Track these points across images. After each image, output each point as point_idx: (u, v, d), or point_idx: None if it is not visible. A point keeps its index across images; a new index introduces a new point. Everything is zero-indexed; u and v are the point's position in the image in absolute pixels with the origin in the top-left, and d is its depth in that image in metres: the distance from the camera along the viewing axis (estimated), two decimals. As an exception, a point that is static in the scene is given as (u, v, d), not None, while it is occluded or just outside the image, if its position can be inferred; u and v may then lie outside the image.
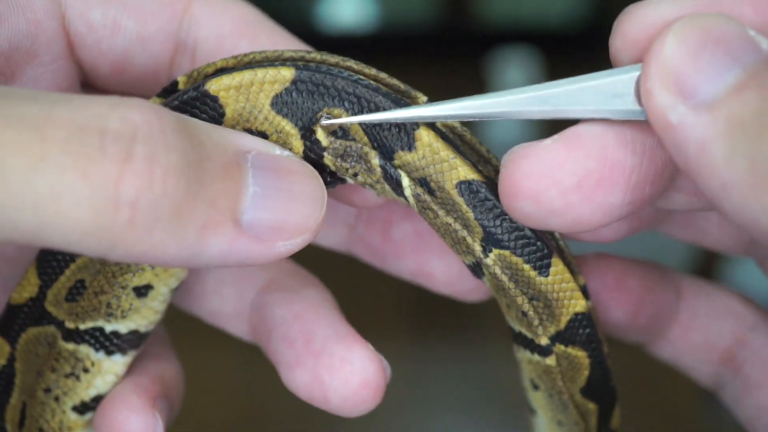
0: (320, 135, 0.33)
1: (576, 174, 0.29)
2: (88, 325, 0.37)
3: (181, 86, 0.34)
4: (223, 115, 0.33)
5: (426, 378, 1.19)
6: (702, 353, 0.41)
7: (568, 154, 0.30)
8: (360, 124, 0.33)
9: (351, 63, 0.34)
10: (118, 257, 0.27)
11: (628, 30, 0.30)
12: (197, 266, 0.30)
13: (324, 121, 0.32)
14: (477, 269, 0.34)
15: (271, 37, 0.38)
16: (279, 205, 0.30)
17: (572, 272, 0.34)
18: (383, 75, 0.34)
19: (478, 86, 1.21)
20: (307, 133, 0.33)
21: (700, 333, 0.41)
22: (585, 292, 0.35)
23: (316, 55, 0.34)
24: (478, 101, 0.31)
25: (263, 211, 0.30)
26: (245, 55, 0.34)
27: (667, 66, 0.28)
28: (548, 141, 0.30)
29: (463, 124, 0.34)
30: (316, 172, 0.32)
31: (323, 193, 0.32)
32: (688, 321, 0.41)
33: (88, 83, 0.39)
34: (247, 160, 0.30)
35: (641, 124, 0.30)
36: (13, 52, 0.36)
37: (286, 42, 0.38)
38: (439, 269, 0.40)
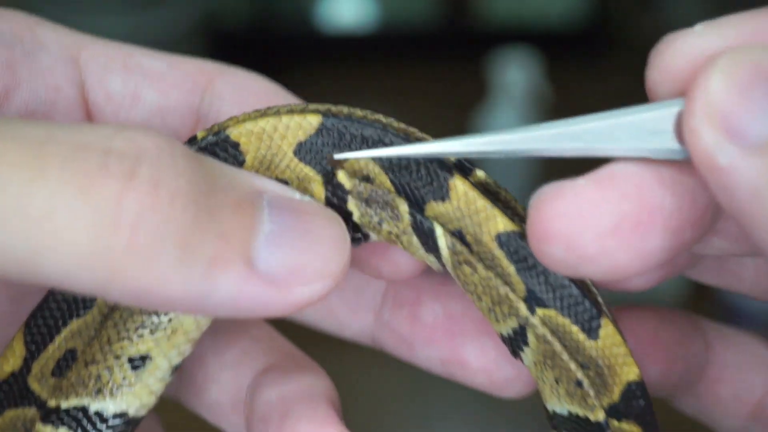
0: (342, 177, 0.31)
1: (612, 216, 0.27)
2: (72, 402, 0.32)
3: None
4: (242, 162, 0.31)
5: (427, 389, 1.17)
6: (731, 407, 0.38)
7: (603, 195, 0.27)
8: (387, 174, 0.31)
9: (379, 116, 0.32)
10: (118, 294, 0.25)
11: (667, 62, 0.28)
12: (206, 312, 0.27)
13: (337, 155, 0.31)
14: (518, 339, 0.31)
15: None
16: (297, 244, 0.28)
17: (620, 333, 0.31)
18: (413, 129, 0.32)
19: (479, 87, 1.19)
20: (329, 177, 0.31)
21: (729, 386, 0.38)
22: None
23: (343, 108, 0.32)
24: (505, 136, 0.29)
25: (279, 251, 0.27)
26: (269, 108, 0.32)
27: (714, 104, 0.26)
28: (581, 180, 0.28)
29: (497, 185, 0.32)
30: (338, 217, 0.30)
31: (346, 237, 0.29)
32: (717, 374, 0.38)
33: None
34: (264, 199, 0.28)
35: (682, 163, 0.28)
36: (29, 117, 0.34)
37: None
38: (474, 354, 0.37)
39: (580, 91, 1.39)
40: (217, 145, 0.31)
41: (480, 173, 0.32)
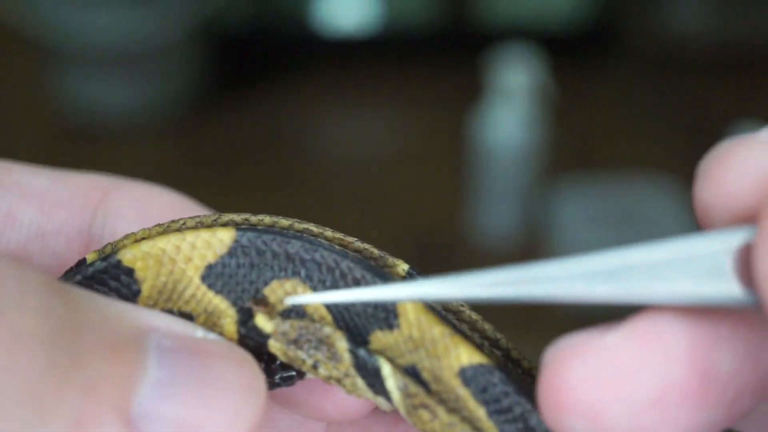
0: (260, 320, 0.25)
1: (654, 385, 0.21)
2: None
3: None
4: (137, 293, 0.25)
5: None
6: None
7: (642, 356, 0.21)
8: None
9: (310, 225, 0.26)
10: None
11: (724, 178, 0.21)
12: None
13: (289, 299, 0.25)
14: None
15: None
16: (193, 396, 0.22)
17: None
18: (351, 239, 0.26)
19: (483, 89, 1.19)
20: (244, 316, 0.25)
21: None
22: None
23: (265, 218, 0.26)
24: (509, 275, 0.22)
25: (169, 404, 0.21)
26: (173, 221, 0.26)
27: None
28: (613, 335, 0.21)
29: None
30: (250, 358, 0.24)
31: (260, 384, 0.23)
32: None
33: None
34: (151, 339, 0.22)
35: (743, 313, 0.21)
36: None
37: None
38: None
39: (584, 91, 1.39)
40: (107, 273, 0.25)
41: None
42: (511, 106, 1.13)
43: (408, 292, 0.23)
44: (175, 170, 1.24)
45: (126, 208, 0.30)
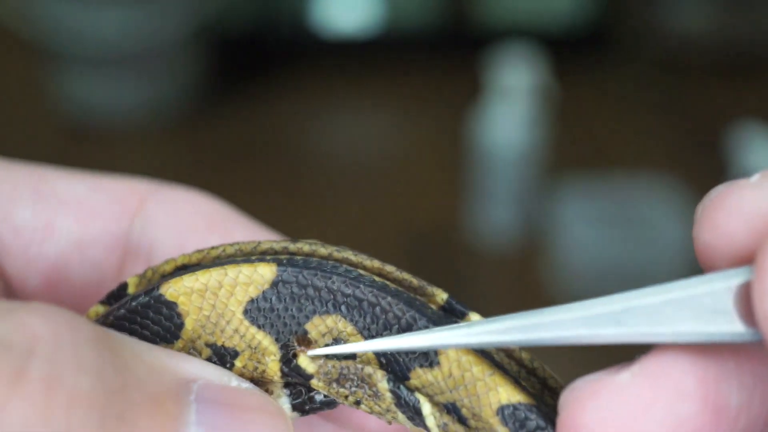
0: (303, 360, 0.25)
1: (667, 421, 0.21)
2: None
3: (131, 289, 0.27)
4: (181, 326, 0.26)
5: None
6: None
7: (655, 394, 0.22)
8: (363, 336, 0.25)
9: (348, 254, 0.26)
10: None
11: (721, 221, 0.22)
12: None
13: (310, 352, 0.25)
14: None
15: (246, 232, 0.30)
16: None
17: None
18: (390, 268, 0.26)
19: (485, 89, 1.19)
20: (287, 355, 0.26)
21: None
22: None
23: (303, 245, 0.26)
24: (531, 320, 0.23)
25: None
26: (213, 248, 0.27)
27: None
28: (625, 375, 0.22)
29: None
30: (283, 411, 0.25)
31: None
32: None
33: (14, 298, 0.30)
34: (191, 392, 0.23)
35: (749, 347, 0.22)
36: None
37: (264, 237, 0.31)
38: None
39: (585, 91, 1.38)
40: (150, 308, 0.25)
41: (477, 319, 0.26)
42: (511, 106, 1.13)
43: (440, 340, 0.24)
44: (175, 170, 1.24)
45: (163, 215, 0.30)
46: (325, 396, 0.26)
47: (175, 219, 0.30)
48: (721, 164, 1.20)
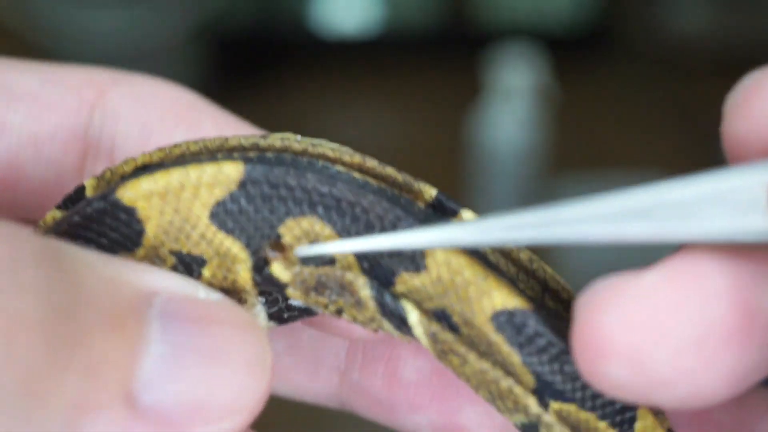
0: (276, 268, 0.23)
1: (696, 324, 0.19)
2: None
3: (89, 192, 0.25)
4: (141, 233, 0.23)
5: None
6: None
7: (684, 295, 0.20)
8: (340, 236, 0.23)
9: (325, 148, 0.24)
10: None
11: (754, 109, 0.20)
12: None
13: (300, 251, 0.23)
14: (533, 429, 0.24)
15: (218, 124, 0.28)
16: (198, 371, 0.20)
17: (663, 425, 0.24)
18: (372, 162, 0.24)
19: (486, 89, 1.19)
20: (259, 263, 0.23)
21: None
22: None
23: (275, 141, 0.24)
24: (544, 216, 0.21)
25: (173, 381, 0.20)
26: (175, 145, 0.24)
27: None
28: (652, 275, 0.20)
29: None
30: (256, 325, 0.22)
31: (266, 355, 0.21)
32: None
33: None
34: (153, 307, 0.20)
35: None
36: None
37: (237, 130, 0.28)
38: (475, 420, 0.28)
39: (585, 90, 1.38)
40: (107, 213, 0.23)
41: (469, 218, 0.24)
42: (511, 106, 1.13)
43: (426, 240, 0.22)
44: (175, 171, 1.24)
45: (125, 107, 0.28)
46: (296, 311, 0.24)
47: (138, 111, 0.28)
48: (722, 164, 1.20)
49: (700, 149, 1.29)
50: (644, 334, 0.20)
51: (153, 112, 0.28)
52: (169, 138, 0.27)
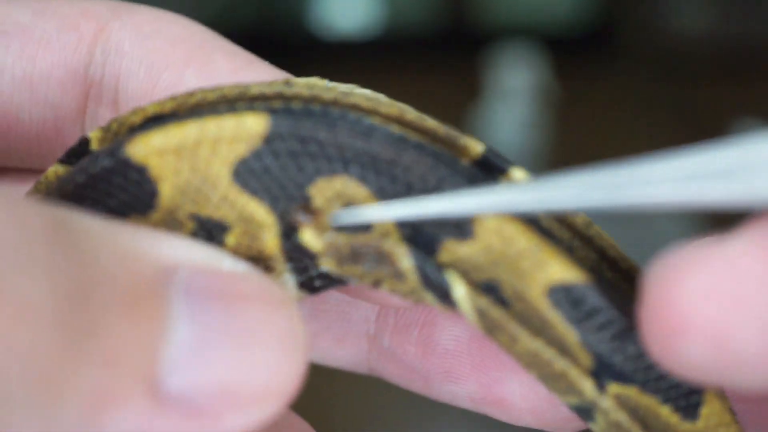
0: (307, 235, 0.20)
1: None
2: None
3: (95, 145, 0.22)
4: (154, 194, 0.20)
5: (411, 398, 1.17)
6: None
7: None
8: (376, 198, 0.20)
9: (358, 98, 0.21)
10: None
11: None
12: None
13: (306, 222, 0.20)
14: (585, 413, 0.21)
15: (232, 62, 0.25)
16: (226, 356, 0.18)
17: (731, 410, 0.21)
18: (411, 114, 0.21)
19: (486, 88, 1.19)
20: (287, 229, 0.21)
21: None
22: None
23: (301, 88, 0.21)
24: (603, 178, 0.18)
25: (200, 369, 0.18)
26: (189, 93, 0.21)
27: None
28: (737, 242, 0.17)
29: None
30: (287, 299, 0.19)
31: (300, 333, 0.19)
32: None
33: None
34: (174, 284, 0.18)
35: None
36: None
37: (254, 70, 0.25)
38: (518, 392, 0.25)
39: (586, 90, 1.38)
40: (115, 172, 0.20)
41: (520, 177, 0.21)
42: (511, 106, 1.13)
43: (479, 204, 0.19)
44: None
45: (129, 43, 0.25)
46: (327, 279, 0.22)
47: (143, 47, 0.25)
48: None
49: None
50: (729, 309, 0.17)
51: (160, 48, 0.25)
52: (179, 78, 0.24)
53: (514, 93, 1.13)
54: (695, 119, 1.36)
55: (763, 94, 1.38)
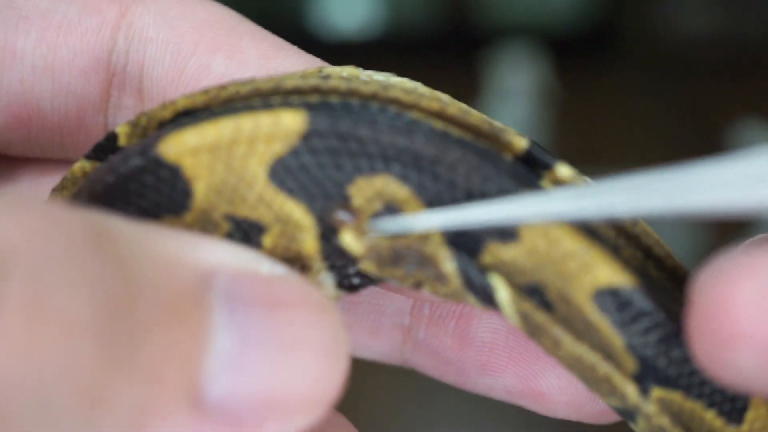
0: (347, 238, 0.20)
1: None
2: None
3: (122, 141, 0.21)
4: (188, 195, 0.20)
5: (433, 391, 1.16)
6: None
7: None
8: (420, 201, 0.19)
9: (398, 92, 0.20)
10: None
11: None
12: None
13: (378, 228, 0.19)
14: (628, 415, 0.21)
15: (261, 47, 0.24)
16: (268, 364, 0.18)
17: None
18: (454, 108, 0.20)
19: (487, 88, 1.19)
20: (327, 231, 0.20)
21: None
22: None
23: (338, 81, 0.20)
24: (658, 182, 0.17)
25: (242, 378, 0.17)
26: (222, 87, 0.21)
27: None
28: None
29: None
30: (329, 305, 0.19)
31: (342, 338, 0.18)
32: None
33: None
34: (215, 290, 0.17)
35: None
36: None
37: (284, 56, 0.24)
38: (556, 386, 0.25)
39: (587, 90, 1.38)
40: (146, 172, 0.20)
41: (566, 174, 0.21)
42: (513, 106, 1.13)
43: (526, 212, 0.19)
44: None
45: (153, 28, 0.24)
46: (366, 278, 0.21)
47: (168, 33, 0.24)
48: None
49: (702, 148, 1.28)
50: None
51: (186, 33, 0.23)
52: (207, 66, 0.23)
53: (516, 93, 1.13)
54: (697, 119, 1.35)
55: (764, 94, 1.37)
